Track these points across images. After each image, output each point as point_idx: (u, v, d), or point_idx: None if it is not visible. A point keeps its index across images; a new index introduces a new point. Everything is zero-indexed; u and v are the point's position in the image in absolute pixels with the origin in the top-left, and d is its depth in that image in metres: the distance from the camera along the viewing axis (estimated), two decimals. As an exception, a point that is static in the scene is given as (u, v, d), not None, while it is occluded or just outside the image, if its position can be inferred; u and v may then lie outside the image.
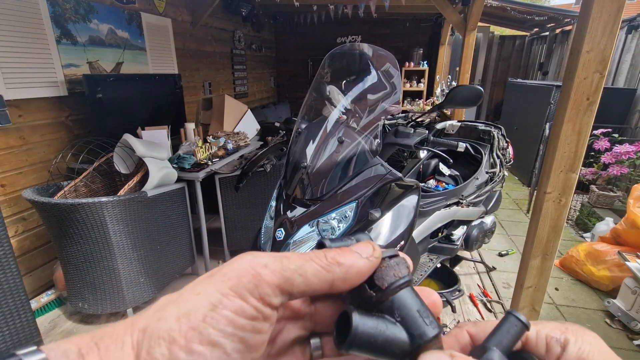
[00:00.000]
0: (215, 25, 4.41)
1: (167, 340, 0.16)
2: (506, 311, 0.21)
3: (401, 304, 0.20)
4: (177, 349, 0.16)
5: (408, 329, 0.19)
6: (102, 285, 1.84)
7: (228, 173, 2.29)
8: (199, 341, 0.16)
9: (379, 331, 0.19)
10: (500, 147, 2.17)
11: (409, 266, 0.21)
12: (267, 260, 0.18)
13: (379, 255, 0.20)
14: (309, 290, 0.19)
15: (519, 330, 0.20)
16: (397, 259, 0.21)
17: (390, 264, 0.20)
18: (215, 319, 0.16)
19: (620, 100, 3.58)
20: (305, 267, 0.19)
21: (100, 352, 0.16)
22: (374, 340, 0.18)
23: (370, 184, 1.26)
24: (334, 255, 0.20)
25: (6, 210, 1.97)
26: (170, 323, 0.16)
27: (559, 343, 0.20)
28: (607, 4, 1.30)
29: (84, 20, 2.43)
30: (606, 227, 2.63)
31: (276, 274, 0.18)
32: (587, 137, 1.49)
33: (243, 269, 0.18)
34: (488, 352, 0.19)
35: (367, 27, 6.19)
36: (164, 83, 2.91)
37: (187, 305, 0.17)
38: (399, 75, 1.48)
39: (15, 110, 1.99)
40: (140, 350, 0.16)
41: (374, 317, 0.19)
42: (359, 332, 0.18)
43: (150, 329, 0.17)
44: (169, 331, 0.16)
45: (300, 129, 1.49)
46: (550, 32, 5.81)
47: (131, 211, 1.82)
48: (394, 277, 0.20)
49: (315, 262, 0.19)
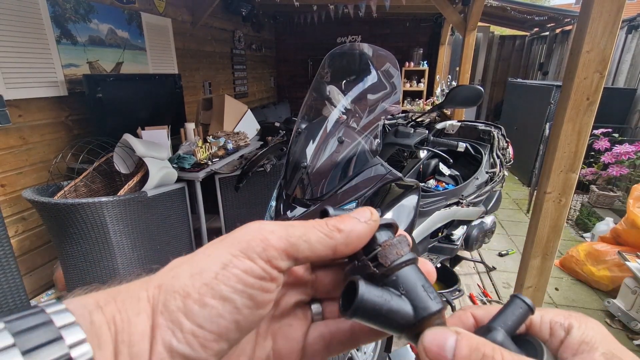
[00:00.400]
0: (215, 25, 4.41)
1: (182, 294, 0.17)
2: (512, 295, 0.21)
3: (405, 278, 0.20)
4: (192, 302, 0.17)
5: (412, 301, 0.20)
6: (102, 286, 1.84)
7: (228, 173, 2.29)
8: (211, 295, 0.17)
9: (384, 300, 0.19)
10: (500, 147, 2.17)
11: (409, 244, 0.21)
12: (273, 227, 0.19)
13: (376, 219, 0.22)
14: (313, 256, 0.20)
15: (524, 313, 0.20)
16: (400, 238, 0.21)
17: (393, 242, 0.21)
18: (226, 276, 0.17)
19: (620, 100, 3.58)
20: (309, 234, 0.20)
21: (117, 304, 0.17)
22: (379, 308, 0.19)
23: (370, 183, 1.26)
24: (334, 223, 0.21)
25: (6, 210, 1.97)
26: (184, 279, 0.18)
27: (562, 328, 0.20)
28: (607, 4, 1.30)
29: (84, 20, 2.43)
30: (606, 227, 2.63)
31: (282, 240, 0.19)
32: (587, 137, 1.49)
33: (252, 234, 0.19)
34: (492, 332, 0.19)
35: (367, 27, 6.19)
36: (164, 83, 2.92)
37: (199, 265, 0.18)
38: (399, 75, 1.48)
39: (16, 110, 1.99)
40: (157, 304, 0.17)
41: (380, 288, 0.20)
42: (364, 299, 0.19)
43: (165, 285, 0.18)
44: (184, 287, 0.17)
45: (300, 129, 1.49)
46: (550, 32, 5.81)
47: (131, 211, 1.82)
48: (396, 255, 0.20)
49: (318, 229, 0.20)
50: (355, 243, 0.21)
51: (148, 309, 0.17)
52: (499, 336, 0.19)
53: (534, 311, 0.21)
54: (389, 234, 0.22)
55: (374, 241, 0.21)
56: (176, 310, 0.17)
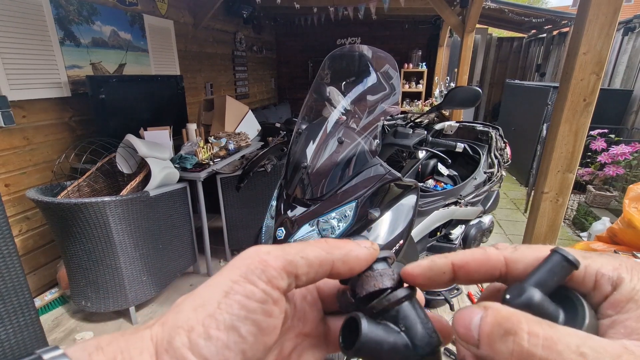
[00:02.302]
0: (217, 27, 4.44)
1: (186, 329, 0.17)
2: (552, 249, 0.19)
3: (406, 314, 0.20)
4: (196, 336, 0.16)
5: (412, 339, 0.19)
6: (105, 284, 1.86)
7: (229, 173, 2.31)
8: (215, 326, 0.17)
9: (386, 338, 0.19)
10: (498, 148, 2.20)
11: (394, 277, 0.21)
12: (269, 248, 0.20)
13: (377, 248, 0.22)
14: (311, 272, 0.20)
15: (565, 271, 0.18)
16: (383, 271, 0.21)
17: (373, 275, 0.21)
18: (228, 304, 0.17)
19: (616, 101, 3.61)
20: (306, 250, 0.20)
21: (119, 344, 0.17)
22: (380, 347, 0.19)
23: (369, 183, 1.28)
24: (334, 242, 0.21)
25: (10, 209, 1.99)
26: (187, 313, 0.17)
27: (610, 282, 0.18)
28: (604, 6, 1.32)
29: (87, 22, 2.46)
30: (603, 227, 2.65)
31: (280, 258, 0.19)
32: (583, 138, 1.51)
33: (249, 258, 0.19)
34: (527, 292, 0.17)
35: (367, 29, 6.23)
36: (166, 84, 2.94)
37: (201, 297, 0.18)
38: (398, 76, 1.50)
39: (19, 111, 2.01)
40: (161, 341, 0.17)
41: (381, 324, 0.20)
42: (367, 338, 0.18)
43: (169, 322, 0.17)
44: (187, 321, 0.17)
45: (301, 129, 1.51)
46: (547, 33, 5.85)
47: (134, 211, 1.84)
48: (374, 287, 0.20)
49: (316, 246, 0.20)
50: (354, 263, 0.21)
51: (151, 347, 0.17)
52: (535, 297, 0.17)
53: (578, 267, 0.18)
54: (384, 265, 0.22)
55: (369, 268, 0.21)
56: (181, 347, 0.16)
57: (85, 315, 2.05)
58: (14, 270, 1.52)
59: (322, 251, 0.20)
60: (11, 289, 1.53)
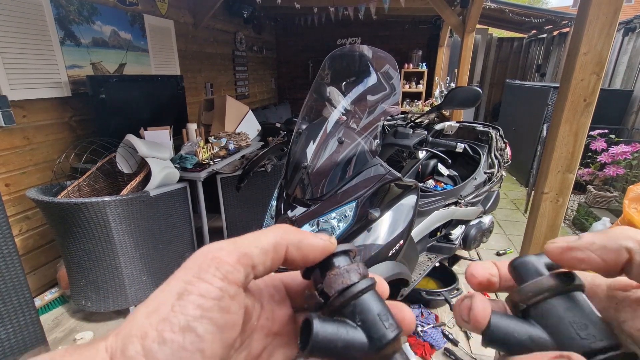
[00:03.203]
0: (217, 27, 4.44)
1: (139, 336, 0.16)
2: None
3: (362, 308, 0.20)
4: (150, 342, 0.16)
5: (367, 332, 0.19)
6: (105, 284, 1.86)
7: (229, 173, 2.31)
8: (170, 329, 0.16)
9: (339, 336, 0.19)
10: (498, 148, 2.20)
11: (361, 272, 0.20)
12: (222, 244, 0.19)
13: (334, 242, 0.22)
14: (267, 260, 0.20)
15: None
16: (349, 267, 0.20)
17: (339, 272, 0.20)
18: (183, 305, 0.17)
19: (616, 101, 3.61)
20: (260, 238, 0.20)
21: (73, 357, 0.17)
22: (334, 345, 0.19)
23: (369, 183, 1.28)
24: (290, 228, 0.21)
25: (10, 209, 1.99)
26: (140, 320, 0.17)
27: None
28: (604, 6, 1.32)
29: (87, 22, 2.46)
30: (603, 227, 2.65)
31: (233, 252, 0.19)
32: (584, 138, 1.51)
33: (201, 257, 0.18)
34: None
35: (367, 29, 6.23)
36: (166, 84, 2.94)
37: (154, 302, 0.17)
38: (398, 76, 1.50)
39: (20, 111, 2.01)
40: (115, 352, 0.16)
41: (335, 322, 0.19)
42: (319, 337, 0.18)
43: (122, 331, 0.17)
44: (141, 327, 0.16)
45: (301, 129, 1.52)
46: (547, 34, 5.85)
47: (134, 210, 1.84)
48: (342, 285, 0.20)
49: (270, 232, 0.20)
50: (307, 249, 0.21)
51: (106, 358, 0.16)
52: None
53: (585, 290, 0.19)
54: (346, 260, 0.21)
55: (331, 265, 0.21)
56: (135, 355, 0.16)
57: (85, 315, 2.05)
58: (14, 270, 1.52)
59: (276, 236, 0.20)
60: (11, 289, 1.53)
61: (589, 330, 0.17)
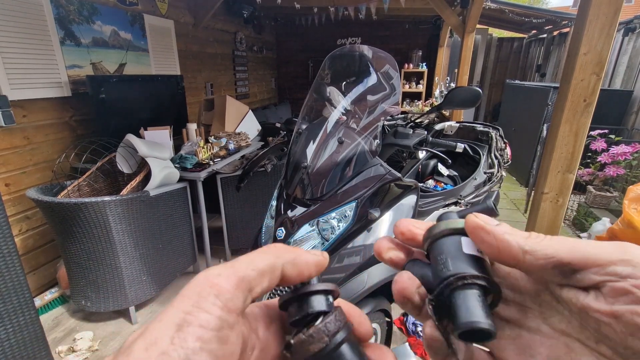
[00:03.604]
0: (217, 27, 4.44)
1: None
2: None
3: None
4: None
5: None
6: (105, 284, 1.86)
7: (229, 173, 2.31)
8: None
9: None
10: (498, 148, 2.20)
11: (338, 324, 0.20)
12: (219, 270, 0.19)
13: (326, 257, 0.22)
14: (264, 281, 0.20)
15: None
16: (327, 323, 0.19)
17: (317, 330, 0.19)
18: (182, 338, 0.16)
19: (616, 101, 3.61)
20: (255, 260, 0.20)
21: None
22: None
23: (369, 184, 1.28)
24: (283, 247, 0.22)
25: (10, 209, 1.99)
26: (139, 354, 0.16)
27: None
28: (604, 6, 1.32)
29: (87, 21, 2.46)
30: (603, 227, 2.65)
31: (231, 278, 0.18)
32: (584, 138, 1.51)
33: (200, 285, 0.18)
34: None
35: (367, 29, 6.23)
36: (166, 84, 2.94)
37: (153, 334, 0.17)
38: (398, 76, 1.50)
39: (20, 111, 2.01)
40: None
41: None
42: None
43: None
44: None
45: (301, 129, 1.52)
46: (547, 34, 5.85)
47: (134, 210, 1.84)
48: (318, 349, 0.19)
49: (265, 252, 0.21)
50: (302, 266, 0.21)
51: None
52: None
53: None
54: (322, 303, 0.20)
55: (307, 306, 0.20)
56: None
57: (85, 314, 2.05)
58: (13, 270, 1.52)
59: (272, 256, 0.20)
60: (11, 289, 1.53)
61: (451, 264, 0.19)
